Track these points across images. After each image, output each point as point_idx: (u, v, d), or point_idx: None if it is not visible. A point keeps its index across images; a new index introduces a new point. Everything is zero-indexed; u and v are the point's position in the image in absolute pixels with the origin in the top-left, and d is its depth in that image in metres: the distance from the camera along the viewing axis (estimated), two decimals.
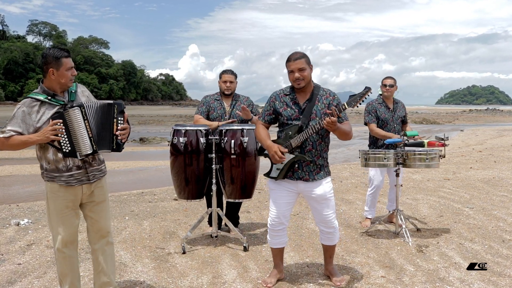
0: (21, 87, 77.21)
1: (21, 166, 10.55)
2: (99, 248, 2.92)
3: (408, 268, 3.69)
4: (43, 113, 2.65)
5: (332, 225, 3.30)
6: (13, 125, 2.62)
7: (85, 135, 2.67)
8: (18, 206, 5.99)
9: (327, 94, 3.22)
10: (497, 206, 5.84)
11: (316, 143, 3.16)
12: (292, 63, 3.11)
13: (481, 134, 22.74)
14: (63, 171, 2.70)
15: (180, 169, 4.06)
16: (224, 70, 4.57)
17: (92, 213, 2.88)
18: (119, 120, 2.74)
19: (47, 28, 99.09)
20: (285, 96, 3.23)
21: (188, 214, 5.53)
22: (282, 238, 3.38)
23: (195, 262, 3.83)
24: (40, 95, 2.68)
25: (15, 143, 2.61)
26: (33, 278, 3.47)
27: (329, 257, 3.49)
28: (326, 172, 3.25)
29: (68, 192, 2.74)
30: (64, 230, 2.76)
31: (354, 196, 6.58)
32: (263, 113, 3.30)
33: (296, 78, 3.10)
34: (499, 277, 3.47)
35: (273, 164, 3.25)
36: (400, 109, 4.88)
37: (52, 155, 2.69)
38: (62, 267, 2.82)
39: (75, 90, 2.81)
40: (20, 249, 4.17)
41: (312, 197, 3.21)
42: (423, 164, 4.26)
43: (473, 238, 4.47)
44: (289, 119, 3.17)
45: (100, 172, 2.87)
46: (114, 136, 2.73)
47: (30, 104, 2.65)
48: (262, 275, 3.56)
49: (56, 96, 2.70)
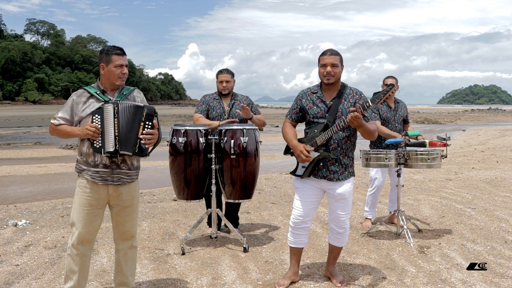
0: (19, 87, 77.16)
1: (19, 166, 10.51)
2: (122, 249, 2.98)
3: (410, 269, 3.66)
4: (89, 105, 2.76)
5: (344, 225, 3.29)
6: (63, 112, 2.79)
7: (112, 132, 2.70)
8: (16, 207, 5.95)
9: (354, 93, 3.23)
10: (500, 206, 5.82)
11: (341, 142, 3.16)
12: (327, 57, 3.12)
13: (483, 134, 22.76)
14: (91, 165, 2.77)
15: (179, 169, 4.03)
16: (220, 70, 4.54)
17: (118, 216, 2.91)
18: (146, 124, 2.75)
19: (45, 27, 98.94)
20: (312, 94, 3.23)
21: (188, 214, 5.50)
22: (303, 238, 3.34)
23: (194, 263, 3.80)
24: (93, 89, 2.81)
25: (62, 132, 2.80)
26: (31, 280, 3.44)
27: (333, 259, 3.46)
28: (350, 172, 3.25)
29: (94, 189, 2.78)
30: (83, 227, 2.78)
31: (355, 196, 6.53)
32: (290, 111, 3.32)
33: (328, 72, 3.10)
34: (501, 278, 3.45)
35: (298, 163, 3.26)
36: (401, 109, 4.85)
37: (86, 148, 2.77)
38: (72, 264, 2.82)
39: (127, 92, 2.87)
40: (17, 250, 4.14)
41: (332, 195, 3.22)
42: (425, 164, 4.23)
43: (475, 239, 4.44)
44: (315, 117, 3.18)
45: (128, 177, 2.86)
46: (138, 140, 2.73)
47: (81, 94, 2.80)
48: (262, 276, 3.53)
49: (105, 93, 2.80)
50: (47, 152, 13.44)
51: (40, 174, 9.34)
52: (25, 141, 17.75)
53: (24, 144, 16.55)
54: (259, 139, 4.10)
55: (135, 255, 3.06)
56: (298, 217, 3.27)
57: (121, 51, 2.80)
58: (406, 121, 4.91)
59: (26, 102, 75.60)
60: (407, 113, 4.94)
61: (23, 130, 23.86)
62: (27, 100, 76.19)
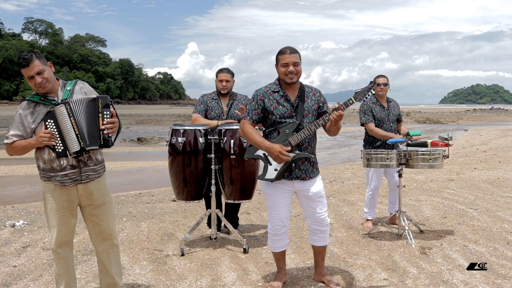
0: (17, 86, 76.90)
1: (16, 166, 10.46)
2: (103, 250, 2.91)
3: (411, 270, 3.63)
4: (37, 114, 2.68)
5: (326, 222, 3.25)
6: (14, 129, 2.70)
7: (72, 132, 2.64)
8: (14, 208, 5.93)
9: (314, 90, 3.22)
10: (502, 207, 5.78)
11: (311, 141, 3.14)
12: (288, 56, 3.06)
13: (486, 134, 22.70)
14: (57, 170, 2.70)
15: (178, 169, 4.00)
16: (220, 69, 4.52)
17: (92, 216, 2.85)
18: (104, 114, 2.68)
19: (43, 26, 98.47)
20: (274, 93, 3.15)
21: (187, 215, 5.48)
22: (284, 241, 3.31)
23: (194, 265, 3.78)
24: (35, 96, 2.72)
25: (18, 149, 2.71)
26: (29, 281, 3.42)
27: (322, 260, 3.41)
28: (317, 169, 3.25)
29: (63, 192, 2.74)
30: (59, 230, 2.75)
31: (356, 197, 6.51)
32: (249, 112, 3.14)
33: (290, 71, 3.06)
34: (504, 280, 3.42)
35: (268, 166, 3.13)
36: (394, 108, 4.83)
37: (47, 154, 2.70)
38: (57, 268, 2.82)
39: (71, 88, 2.77)
40: (15, 251, 4.12)
41: (308, 195, 3.17)
42: (426, 165, 4.20)
43: (478, 240, 4.41)
44: (282, 117, 3.10)
45: (95, 172, 2.80)
46: (101, 132, 2.67)
47: (26, 107, 2.70)
48: (262, 277, 3.50)
49: (48, 96, 2.70)
50: None
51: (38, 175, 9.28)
52: None
53: None
54: None
55: (117, 253, 2.98)
56: (278, 222, 3.21)
57: (25, 62, 2.59)
58: (399, 120, 4.90)
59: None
60: (400, 112, 4.92)
61: None
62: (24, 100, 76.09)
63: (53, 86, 2.71)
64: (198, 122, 4.31)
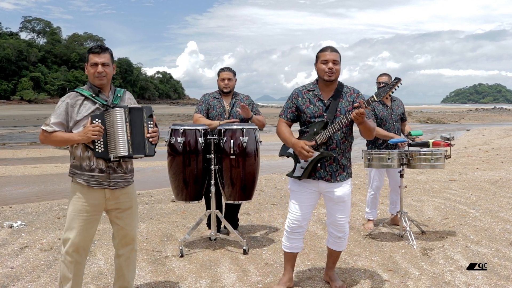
0: (14, 85, 76.73)
1: (14, 166, 10.40)
2: (124, 254, 2.91)
3: (413, 271, 3.61)
4: (84, 107, 2.67)
5: (343, 229, 3.20)
6: (56, 117, 2.64)
7: (124, 137, 2.66)
8: (11, 208, 5.89)
9: (351, 91, 3.15)
10: (504, 208, 5.77)
11: (340, 142, 3.08)
12: (329, 53, 3.04)
13: (488, 133, 22.68)
14: (85, 169, 2.67)
15: (178, 170, 3.97)
16: (222, 68, 4.53)
17: (118, 219, 2.83)
18: (149, 124, 2.75)
19: (41, 25, 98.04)
20: (308, 93, 3.14)
21: (186, 216, 5.45)
22: (298, 243, 3.26)
23: (193, 266, 3.75)
24: (86, 91, 2.71)
25: (57, 140, 2.64)
26: (27, 282, 3.39)
27: (332, 263, 3.39)
28: (348, 173, 3.17)
29: (89, 194, 2.70)
30: (78, 234, 2.68)
31: (357, 197, 6.49)
32: (285, 110, 3.20)
33: (330, 68, 3.02)
34: (506, 281, 3.40)
35: (296, 164, 3.15)
36: (398, 107, 4.79)
37: (80, 152, 2.67)
38: (65, 271, 2.72)
39: (121, 94, 2.81)
40: (13, 252, 4.08)
41: (331, 198, 3.13)
42: (428, 165, 4.17)
43: (480, 241, 4.39)
44: (313, 117, 3.08)
45: (125, 180, 2.80)
46: (146, 140, 2.73)
47: (74, 97, 2.68)
48: (262, 279, 3.48)
49: (100, 94, 2.72)
50: (43, 152, 13.32)
51: (36, 175, 9.25)
52: (21, 141, 17.63)
53: (19, 144, 16.44)
54: (259, 139, 4.05)
55: (135, 258, 3.02)
56: (294, 221, 3.17)
57: (98, 49, 2.68)
58: (403, 119, 4.85)
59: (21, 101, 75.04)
60: (404, 111, 4.88)
61: (19, 130, 23.73)
62: (22, 99, 75.68)
63: (106, 86, 2.74)
64: (199, 122, 4.28)
